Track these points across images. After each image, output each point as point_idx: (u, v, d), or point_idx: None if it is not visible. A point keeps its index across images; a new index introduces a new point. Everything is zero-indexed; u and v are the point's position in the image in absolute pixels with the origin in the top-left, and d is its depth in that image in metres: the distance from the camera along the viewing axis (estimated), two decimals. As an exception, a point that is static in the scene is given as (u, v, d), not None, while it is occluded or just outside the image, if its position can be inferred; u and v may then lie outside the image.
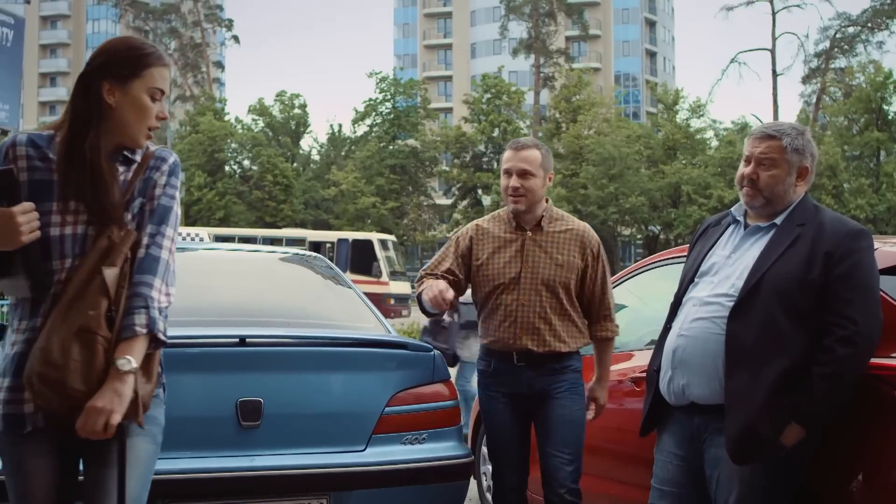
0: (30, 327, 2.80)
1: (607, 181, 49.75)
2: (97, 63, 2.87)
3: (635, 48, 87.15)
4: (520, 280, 4.49)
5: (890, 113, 48.74)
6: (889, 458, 3.46)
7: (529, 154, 4.54)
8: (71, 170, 2.82)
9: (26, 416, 2.79)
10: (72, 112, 2.87)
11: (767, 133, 3.69)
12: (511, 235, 4.59)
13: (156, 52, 2.91)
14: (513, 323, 4.48)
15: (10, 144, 2.86)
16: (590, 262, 4.59)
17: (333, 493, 4.07)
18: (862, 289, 3.39)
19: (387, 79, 59.99)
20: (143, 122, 2.89)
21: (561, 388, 4.51)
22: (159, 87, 2.90)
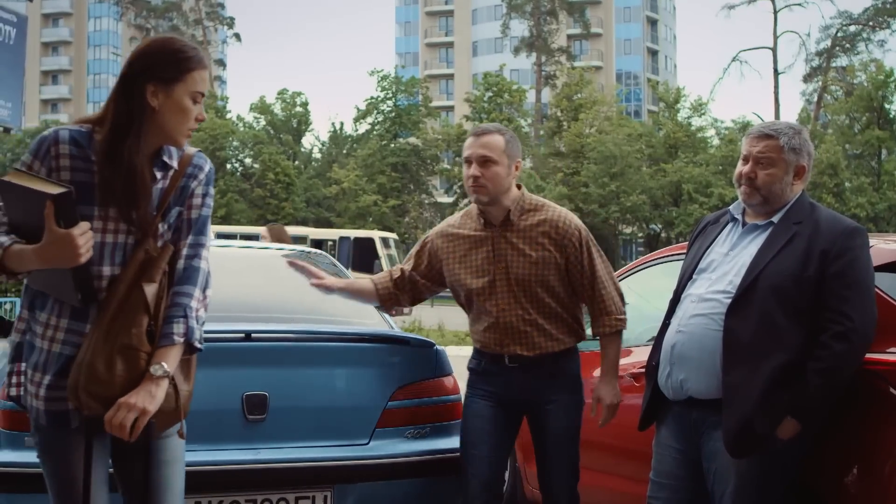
0: (74, 329, 2.86)
1: (608, 179, 49.79)
2: (141, 65, 2.87)
3: (637, 46, 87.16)
4: (495, 284, 4.15)
5: (891, 111, 48.77)
6: (883, 452, 3.52)
7: (491, 140, 4.13)
8: (111, 172, 2.84)
9: (70, 412, 2.87)
10: (114, 113, 2.86)
11: (765, 132, 3.75)
12: (480, 234, 4.22)
13: (198, 55, 2.93)
14: (497, 329, 4.15)
15: (52, 141, 2.84)
16: (571, 253, 4.18)
17: (337, 485, 4.12)
18: (857, 286, 3.45)
19: (388, 77, 59.99)
20: (184, 125, 2.91)
21: (557, 397, 4.18)
22: (200, 90, 2.92)
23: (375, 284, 4.40)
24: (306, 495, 4.09)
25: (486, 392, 4.21)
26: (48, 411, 2.88)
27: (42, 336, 2.87)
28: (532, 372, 4.15)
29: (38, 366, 2.87)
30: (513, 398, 4.19)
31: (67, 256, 2.68)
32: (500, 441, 4.22)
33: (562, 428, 4.20)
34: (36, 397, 2.88)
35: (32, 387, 2.88)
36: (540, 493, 4.36)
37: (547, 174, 52.55)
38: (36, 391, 2.88)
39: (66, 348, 2.86)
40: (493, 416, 4.19)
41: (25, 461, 3.81)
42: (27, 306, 2.93)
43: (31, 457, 3.80)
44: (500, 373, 4.19)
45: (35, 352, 2.88)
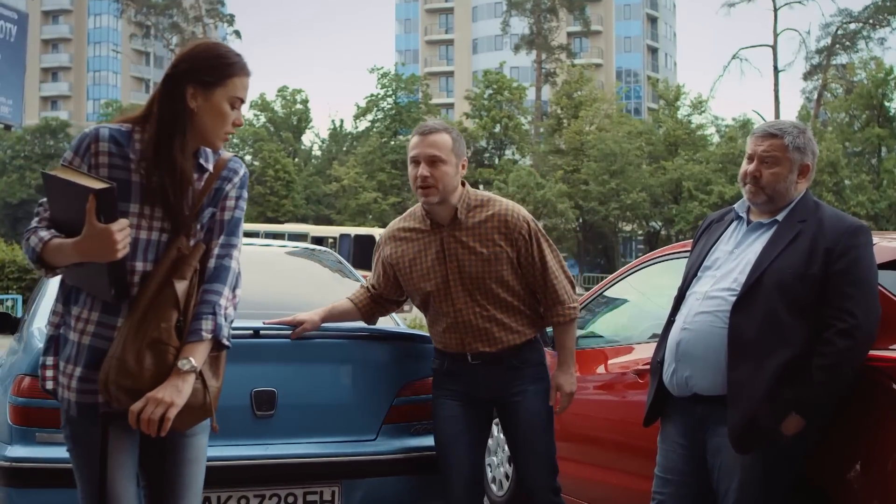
0: (105, 322, 2.91)
1: (608, 177, 49.83)
2: (183, 67, 2.93)
3: (637, 44, 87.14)
4: (448, 285, 4.10)
5: (891, 109, 48.81)
6: (885, 447, 3.56)
7: (438, 138, 4.04)
8: (155, 172, 2.91)
9: (99, 405, 2.92)
10: (158, 114, 2.92)
11: (770, 132, 3.79)
12: (427, 236, 4.15)
13: (240, 62, 2.99)
14: (457, 329, 4.11)
15: (93, 138, 2.91)
16: (522, 246, 4.11)
17: (345, 480, 4.16)
18: (861, 283, 3.49)
19: (388, 74, 60.05)
20: (221, 128, 2.97)
21: (523, 389, 4.13)
22: (240, 96, 2.98)
23: (356, 304, 4.38)
24: (314, 490, 4.12)
25: (453, 392, 4.16)
26: (79, 403, 2.94)
27: (74, 329, 2.94)
28: (496, 367, 4.11)
29: (70, 358, 2.94)
30: (480, 395, 4.16)
31: (105, 251, 2.74)
32: (474, 439, 4.18)
33: (532, 418, 4.13)
34: (67, 389, 2.94)
35: (64, 378, 2.94)
36: (520, 489, 4.28)
37: (547, 172, 52.56)
38: (68, 383, 2.94)
39: (96, 340, 2.92)
40: (464, 414, 4.15)
41: (37, 457, 3.85)
42: (62, 301, 3.00)
43: (42, 452, 3.87)
44: (464, 371, 4.14)
45: (68, 344, 2.95)
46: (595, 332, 6.15)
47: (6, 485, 3.87)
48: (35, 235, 2.85)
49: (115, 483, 2.93)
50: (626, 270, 6.11)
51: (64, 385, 2.95)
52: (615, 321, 6.31)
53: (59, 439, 3.90)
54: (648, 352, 5.06)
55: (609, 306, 6.33)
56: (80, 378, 2.92)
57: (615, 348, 5.77)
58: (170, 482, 3.05)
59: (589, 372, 5.76)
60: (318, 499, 4.14)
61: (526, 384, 4.13)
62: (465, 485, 4.12)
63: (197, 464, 3.12)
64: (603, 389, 5.62)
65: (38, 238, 2.84)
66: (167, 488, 3.04)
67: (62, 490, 3.83)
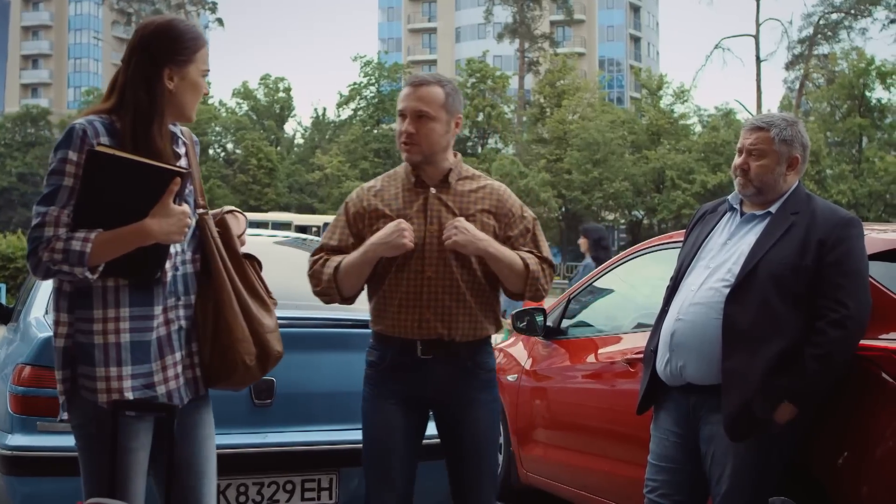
0: (141, 315, 2.90)
1: (591, 166, 49.92)
2: (154, 50, 2.91)
3: (619, 33, 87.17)
4: (424, 248, 3.59)
5: (872, 100, 49.05)
6: (875, 435, 3.63)
7: (429, 91, 3.62)
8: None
9: (159, 396, 2.93)
10: (134, 100, 2.89)
11: (757, 125, 3.86)
12: (410, 194, 3.69)
13: (202, 35, 3.04)
14: (417, 302, 3.58)
15: (93, 133, 2.84)
16: (512, 223, 3.72)
17: (342, 468, 4.21)
18: (853, 275, 3.55)
19: (371, 63, 59.98)
20: (196, 101, 3.02)
21: (475, 397, 3.68)
22: (207, 67, 3.03)
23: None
24: (312, 478, 4.17)
25: (394, 392, 3.65)
26: (136, 400, 2.90)
27: (102, 332, 2.87)
28: (448, 365, 3.62)
29: (110, 361, 2.87)
30: (425, 395, 3.66)
31: (178, 232, 2.83)
32: (412, 449, 3.71)
33: (483, 431, 3.70)
34: (119, 392, 2.88)
35: (102, 383, 2.87)
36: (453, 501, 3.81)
37: (530, 161, 52.63)
38: (118, 385, 2.88)
39: (137, 335, 2.89)
40: (405, 424, 3.66)
41: (38, 445, 3.89)
42: (66, 309, 2.90)
43: (43, 441, 3.90)
44: (411, 367, 3.62)
45: (96, 349, 2.87)
46: (585, 321, 6.21)
47: (7, 473, 3.91)
48: (72, 241, 2.74)
49: (132, 480, 2.93)
50: (614, 262, 6.17)
51: (102, 389, 2.86)
52: (604, 311, 6.36)
53: (60, 428, 3.93)
54: (636, 341, 5.13)
55: (598, 296, 6.38)
56: (133, 375, 2.89)
57: (604, 337, 5.82)
58: (191, 462, 3.06)
59: (579, 361, 5.83)
60: (315, 486, 4.19)
61: (477, 392, 3.68)
62: (401, 501, 3.69)
63: (213, 439, 3.16)
64: (593, 378, 5.68)
65: (79, 241, 2.74)
66: (190, 468, 3.05)
67: (63, 478, 3.87)
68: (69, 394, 2.92)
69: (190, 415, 3.05)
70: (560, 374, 5.99)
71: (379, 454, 3.66)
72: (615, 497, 5.21)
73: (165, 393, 2.94)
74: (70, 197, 2.78)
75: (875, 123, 48.79)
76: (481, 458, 3.70)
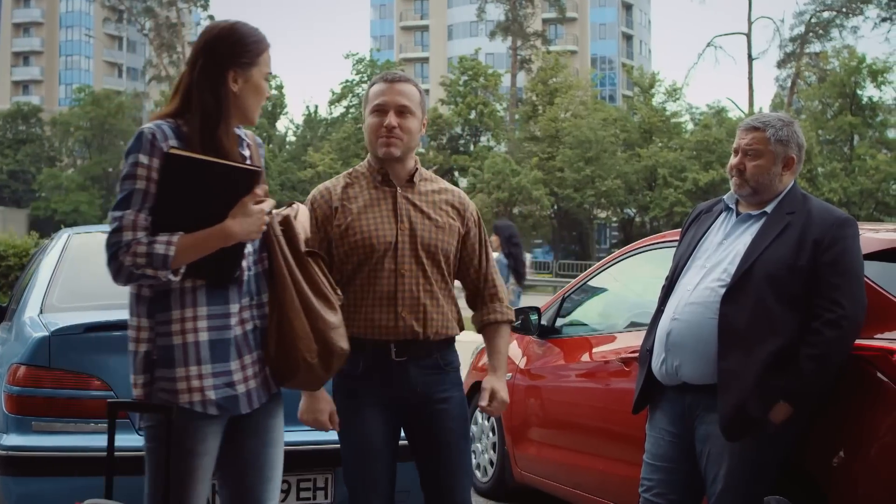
0: (218, 314, 2.91)
1: (584, 164, 49.93)
2: (219, 54, 2.95)
3: (612, 31, 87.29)
4: (397, 246, 3.57)
5: (863, 98, 49.15)
6: (871, 434, 3.65)
7: (407, 88, 3.62)
8: None
9: (239, 396, 2.94)
10: (200, 103, 2.91)
11: (753, 125, 3.88)
12: (377, 192, 3.65)
13: (264, 38, 3.04)
14: (392, 300, 3.56)
15: (163, 137, 2.86)
16: (471, 227, 3.75)
17: (338, 468, 4.19)
18: (848, 274, 3.56)
19: (363, 60, 59.92)
20: (260, 104, 3.04)
21: (449, 395, 3.67)
22: (270, 69, 3.04)
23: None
24: (308, 478, 4.17)
25: (372, 397, 3.59)
26: (219, 401, 2.90)
27: (180, 332, 2.88)
28: (421, 365, 3.60)
29: (190, 360, 2.87)
30: (401, 397, 3.61)
31: (257, 230, 2.90)
32: (393, 452, 3.66)
33: (458, 428, 3.69)
34: (200, 391, 2.88)
35: (183, 383, 2.87)
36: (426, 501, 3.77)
37: (522, 158, 52.63)
38: (199, 384, 2.88)
39: (214, 334, 2.90)
40: (384, 428, 3.62)
41: (33, 445, 3.89)
42: (146, 315, 2.91)
43: (38, 441, 3.90)
44: (385, 370, 3.59)
45: (176, 350, 2.87)
46: (579, 320, 6.22)
47: (2, 473, 3.91)
48: (155, 244, 2.76)
49: (197, 485, 2.92)
50: (608, 261, 6.18)
51: (196, 388, 2.87)
52: (599, 310, 6.38)
53: (55, 428, 3.96)
54: (629, 340, 5.14)
55: (592, 295, 6.40)
56: (213, 374, 2.89)
57: (598, 336, 5.83)
58: (254, 462, 3.06)
59: (574, 360, 5.84)
60: (311, 486, 4.19)
61: (451, 389, 3.68)
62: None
63: (281, 444, 3.17)
64: (587, 377, 5.69)
65: (163, 244, 2.76)
66: (253, 468, 3.06)
67: (59, 478, 3.88)
68: (145, 397, 2.92)
69: (261, 415, 3.05)
70: (554, 372, 6.00)
71: (362, 460, 3.62)
72: (610, 496, 5.22)
73: (245, 393, 2.95)
74: (144, 200, 2.80)
75: (866, 121, 48.87)
76: (458, 454, 3.68)
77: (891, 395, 3.59)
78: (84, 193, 66.51)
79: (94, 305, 4.44)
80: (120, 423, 3.27)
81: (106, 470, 2.96)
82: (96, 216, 62.89)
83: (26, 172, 71.20)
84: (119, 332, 4.07)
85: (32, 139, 73.12)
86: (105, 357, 4.03)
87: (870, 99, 49.41)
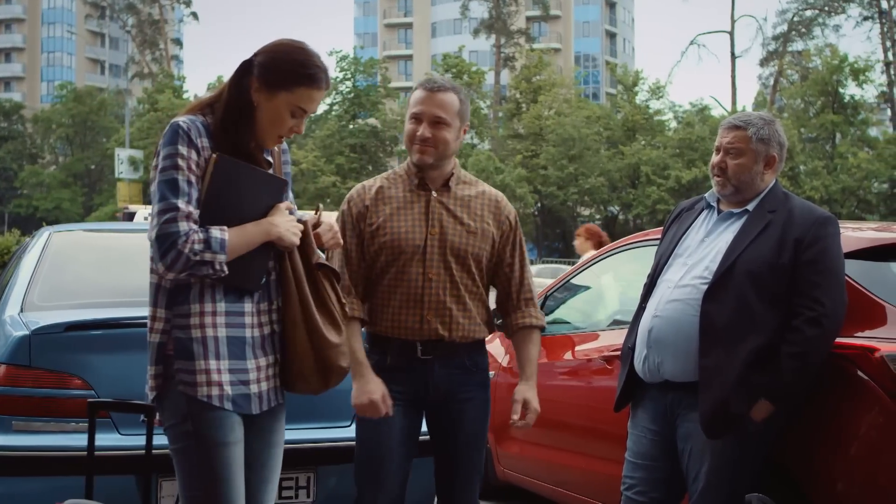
0: (235, 311, 2.90)
1: (567, 162, 50.00)
2: (257, 60, 2.92)
3: (595, 29, 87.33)
4: (426, 249, 3.63)
5: (845, 96, 49.36)
6: (851, 432, 3.67)
7: (446, 98, 3.64)
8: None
9: (251, 396, 2.92)
10: (227, 98, 2.92)
11: (734, 123, 3.89)
12: (412, 195, 3.71)
13: (316, 75, 2.93)
14: (418, 303, 3.60)
15: (197, 132, 2.86)
16: (507, 231, 3.77)
17: (320, 467, 4.19)
18: (829, 273, 3.58)
19: (347, 57, 59.77)
20: (275, 132, 2.95)
21: (472, 396, 3.71)
22: (303, 106, 2.94)
23: (361, 320, 3.73)
24: (290, 476, 4.15)
25: (394, 393, 3.60)
26: (235, 396, 2.88)
27: (200, 326, 2.86)
28: (447, 364, 3.65)
29: (209, 354, 2.86)
30: (423, 397, 3.67)
31: (296, 232, 2.96)
32: (408, 451, 3.70)
33: (476, 429, 3.74)
34: (219, 385, 2.86)
35: (203, 376, 2.84)
36: (439, 500, 3.85)
37: (506, 156, 52.68)
38: (217, 378, 2.86)
39: (232, 330, 2.88)
40: (404, 424, 3.66)
41: (13, 445, 3.86)
42: (164, 306, 2.88)
43: (19, 440, 3.88)
44: (410, 367, 3.64)
45: (195, 343, 2.85)
46: (562, 318, 6.22)
47: (-18, 473, 3.88)
48: (211, 230, 2.78)
49: (236, 475, 2.89)
50: (592, 258, 6.19)
51: (215, 382, 2.85)
52: (581, 308, 6.38)
53: (36, 427, 3.93)
54: (612, 338, 5.15)
55: (575, 293, 6.40)
56: (230, 371, 2.88)
57: (581, 334, 5.85)
58: (253, 465, 3.02)
59: (556, 358, 5.84)
60: (293, 485, 4.17)
61: (475, 390, 3.72)
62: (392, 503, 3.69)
63: (282, 446, 3.14)
64: (570, 375, 5.70)
65: (218, 230, 2.79)
66: (252, 469, 3.01)
67: (38, 478, 3.85)
68: (161, 390, 2.89)
69: (266, 417, 3.02)
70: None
71: (374, 455, 3.66)
72: (592, 494, 5.23)
73: (258, 393, 2.93)
74: (190, 191, 2.79)
75: (848, 120, 49.07)
76: (473, 456, 3.74)
77: (871, 393, 3.61)
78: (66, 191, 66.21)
79: (75, 304, 4.42)
80: (100, 423, 3.27)
81: (86, 469, 2.94)
82: (78, 214, 62.64)
83: (8, 170, 70.84)
84: (100, 330, 4.08)
85: (14, 136, 72.73)
86: (86, 356, 4.00)
87: (851, 97, 49.64)
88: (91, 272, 4.85)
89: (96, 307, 4.32)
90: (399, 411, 3.63)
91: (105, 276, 4.78)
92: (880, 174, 46.41)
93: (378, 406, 3.53)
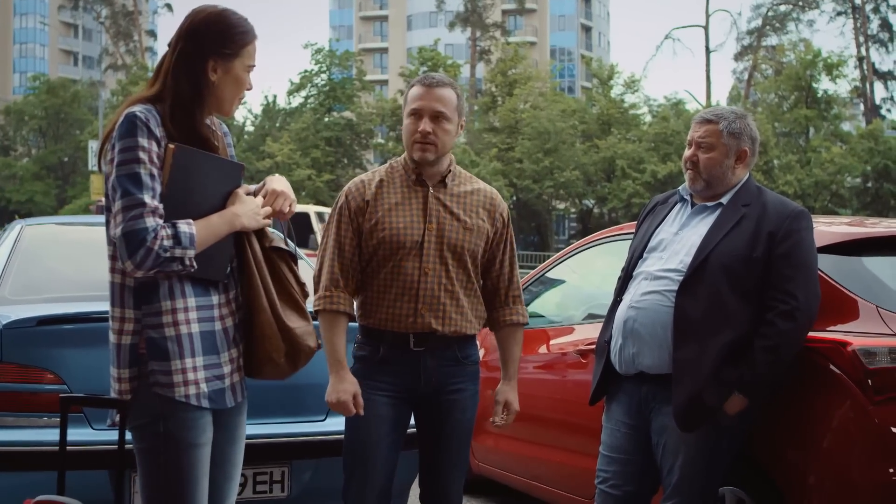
0: (205, 305, 2.86)
1: (542, 155, 50.00)
2: (201, 41, 2.89)
3: (571, 23, 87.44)
4: (423, 244, 3.66)
5: (819, 91, 49.60)
6: (823, 426, 3.70)
7: (445, 93, 3.67)
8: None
9: (226, 390, 2.91)
10: (175, 89, 2.86)
11: (706, 118, 3.91)
12: (410, 191, 3.73)
13: (252, 30, 2.98)
14: (413, 297, 3.63)
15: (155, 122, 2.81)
16: (500, 228, 3.81)
17: (294, 461, 4.19)
18: (802, 267, 3.60)
19: (322, 50, 59.53)
20: (237, 96, 2.98)
21: (463, 388, 3.75)
22: (253, 63, 2.98)
23: (349, 315, 3.73)
24: (264, 471, 4.14)
25: (384, 385, 3.67)
26: (210, 393, 2.86)
27: (172, 324, 2.80)
28: (439, 356, 3.68)
29: (185, 352, 2.81)
30: (414, 389, 3.69)
31: (261, 217, 2.94)
32: (395, 442, 3.73)
33: (464, 421, 3.77)
34: (195, 384, 2.83)
35: (179, 376, 2.80)
36: (422, 492, 3.85)
37: (481, 149, 52.64)
38: (194, 377, 2.83)
39: (204, 325, 2.85)
40: (393, 416, 3.70)
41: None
42: (132, 306, 2.82)
43: None
44: (402, 359, 3.67)
45: (169, 342, 2.80)
46: (537, 312, 6.22)
47: (-47, 468, 3.85)
48: (178, 226, 2.74)
49: (202, 478, 2.87)
50: (565, 253, 6.20)
51: (192, 381, 2.81)
52: (556, 302, 6.39)
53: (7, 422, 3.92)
54: (587, 332, 5.16)
55: (549, 287, 6.41)
56: (205, 367, 2.84)
57: (556, 328, 5.85)
58: (218, 461, 3.00)
59: (531, 351, 5.85)
60: (267, 479, 4.16)
61: (465, 383, 3.76)
62: (380, 495, 3.71)
63: (243, 441, 3.13)
64: (545, 369, 5.70)
65: (185, 224, 2.75)
66: (217, 466, 2.99)
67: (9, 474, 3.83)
68: (133, 392, 2.83)
69: (230, 412, 3.00)
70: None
71: (362, 447, 3.69)
72: (567, 487, 5.25)
73: (230, 386, 2.92)
74: (153, 183, 2.74)
75: (821, 114, 49.28)
76: (460, 451, 3.80)
77: (843, 387, 3.63)
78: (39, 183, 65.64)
79: (47, 298, 4.39)
80: (72, 418, 3.24)
81: (59, 465, 2.92)
82: (51, 206, 62.17)
83: (-20, 162, 70.23)
84: (73, 325, 4.05)
85: (-14, 128, 72.12)
86: (58, 350, 3.97)
87: (825, 92, 49.86)
88: (63, 266, 4.82)
89: (69, 301, 4.29)
90: (389, 404, 3.68)
91: (78, 269, 4.75)
92: (853, 169, 46.67)
93: (348, 406, 3.58)
